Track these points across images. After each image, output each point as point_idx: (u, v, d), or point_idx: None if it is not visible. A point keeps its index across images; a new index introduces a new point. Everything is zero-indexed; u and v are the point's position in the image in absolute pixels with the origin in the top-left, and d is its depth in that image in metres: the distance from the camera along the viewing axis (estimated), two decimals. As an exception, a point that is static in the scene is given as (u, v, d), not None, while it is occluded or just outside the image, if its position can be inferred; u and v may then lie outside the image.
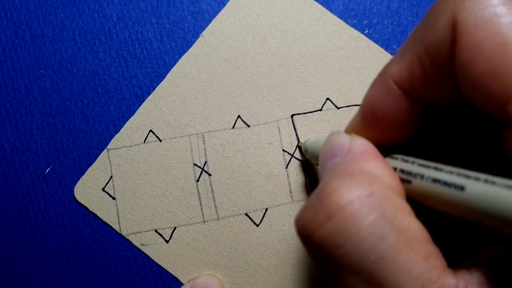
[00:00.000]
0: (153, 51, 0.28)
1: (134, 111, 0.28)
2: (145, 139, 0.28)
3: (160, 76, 0.28)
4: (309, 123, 0.27)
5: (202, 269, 0.27)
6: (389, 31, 0.28)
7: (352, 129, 0.19)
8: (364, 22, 0.28)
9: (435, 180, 0.14)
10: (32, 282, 0.27)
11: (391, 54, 0.28)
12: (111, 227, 0.27)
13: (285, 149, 0.27)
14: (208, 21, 0.28)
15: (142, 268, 0.27)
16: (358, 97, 0.28)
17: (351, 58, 0.28)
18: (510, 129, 0.13)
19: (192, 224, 0.27)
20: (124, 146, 0.28)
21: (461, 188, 0.13)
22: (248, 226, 0.27)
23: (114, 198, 0.27)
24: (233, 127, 0.28)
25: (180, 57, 0.28)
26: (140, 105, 0.28)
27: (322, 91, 0.28)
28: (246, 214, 0.27)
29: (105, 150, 0.28)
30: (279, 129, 0.27)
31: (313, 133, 0.27)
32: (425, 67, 0.15)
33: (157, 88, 0.28)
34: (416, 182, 0.15)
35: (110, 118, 0.28)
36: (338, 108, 0.28)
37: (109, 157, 0.27)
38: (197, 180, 0.27)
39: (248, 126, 0.28)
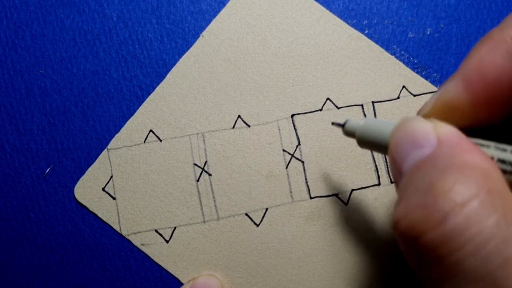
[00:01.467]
0: (153, 51, 0.28)
1: (134, 111, 0.28)
2: (145, 139, 0.28)
3: (160, 76, 0.28)
4: (309, 123, 0.27)
5: (202, 269, 0.27)
6: (389, 31, 0.28)
7: (444, 99, 0.16)
8: (364, 22, 0.28)
9: None
10: (32, 282, 0.27)
11: (391, 54, 0.28)
12: (111, 227, 0.27)
13: (285, 149, 0.27)
14: (208, 21, 0.28)
15: (142, 268, 0.27)
16: (358, 97, 0.28)
17: (351, 58, 0.28)
18: None
19: (192, 224, 0.27)
20: (124, 146, 0.28)
21: None
22: (248, 226, 0.27)
23: (114, 198, 0.27)
24: (233, 127, 0.28)
25: (180, 57, 0.28)
26: (140, 105, 0.28)
27: (322, 91, 0.28)
28: (246, 214, 0.27)
29: (105, 150, 0.28)
30: (279, 129, 0.27)
31: (314, 133, 0.27)
32: None
33: (157, 88, 0.28)
34: None
35: (110, 118, 0.28)
36: (338, 108, 0.28)
37: (109, 157, 0.27)
38: (197, 180, 0.27)
39: (248, 126, 0.28)
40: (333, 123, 0.23)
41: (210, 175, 0.27)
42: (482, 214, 0.12)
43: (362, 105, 0.27)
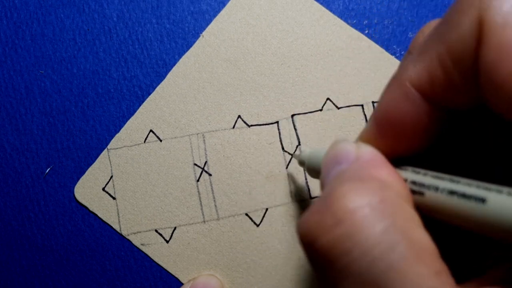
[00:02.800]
0: (153, 51, 0.28)
1: (134, 111, 0.28)
2: (146, 139, 0.28)
3: (160, 76, 0.28)
4: (309, 123, 0.27)
5: (202, 269, 0.27)
6: (389, 31, 0.28)
7: (364, 139, 0.18)
8: (364, 22, 0.28)
9: (452, 192, 0.14)
10: (32, 282, 0.27)
11: (391, 54, 0.28)
12: (111, 227, 0.27)
13: (285, 149, 0.27)
14: (208, 21, 0.28)
15: (142, 268, 0.27)
16: (358, 97, 0.28)
17: (351, 58, 0.28)
18: None
19: (192, 224, 0.27)
20: (124, 146, 0.28)
21: (482, 200, 0.12)
22: (248, 226, 0.27)
23: (114, 198, 0.27)
24: (233, 127, 0.28)
25: (180, 57, 0.28)
26: (140, 105, 0.28)
27: (323, 91, 0.28)
28: (246, 214, 0.27)
29: (105, 150, 0.28)
30: (279, 129, 0.27)
31: (314, 133, 0.27)
32: (447, 68, 0.14)
33: (157, 88, 0.28)
34: (429, 194, 0.14)
35: (110, 118, 0.28)
36: (338, 108, 0.28)
37: (109, 157, 0.27)
38: (197, 180, 0.27)
39: (248, 126, 0.28)
40: (291, 155, 0.27)
41: (210, 175, 0.27)
42: (371, 221, 0.13)
43: (362, 105, 0.27)
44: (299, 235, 0.15)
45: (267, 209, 0.27)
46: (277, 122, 0.28)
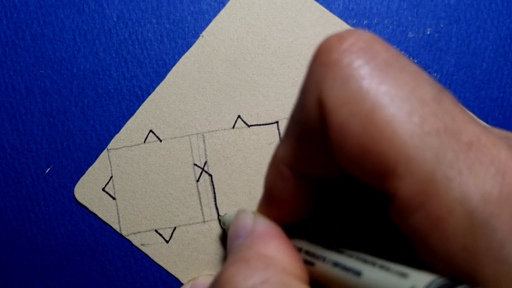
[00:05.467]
0: (153, 51, 0.28)
1: (134, 111, 0.28)
2: (145, 139, 0.28)
3: (160, 76, 0.28)
4: (309, 123, 0.27)
5: (202, 269, 0.27)
6: (389, 31, 0.28)
7: (260, 210, 0.19)
8: (364, 22, 0.28)
9: (336, 264, 0.14)
10: (32, 282, 0.27)
11: (391, 54, 0.28)
12: (111, 227, 0.27)
13: (285, 149, 0.27)
14: (208, 21, 0.28)
15: (142, 268, 0.27)
16: (358, 97, 0.28)
17: (351, 58, 0.28)
18: (394, 204, 0.13)
19: (192, 224, 0.27)
20: (124, 146, 0.28)
21: (358, 273, 0.13)
22: (248, 226, 0.27)
23: (114, 198, 0.27)
24: (233, 127, 0.28)
25: (180, 57, 0.28)
26: (140, 105, 0.28)
27: (322, 91, 0.28)
28: (246, 214, 0.27)
29: (105, 150, 0.28)
30: (279, 129, 0.28)
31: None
32: (304, 146, 0.15)
33: (157, 88, 0.28)
34: (318, 264, 0.15)
35: (110, 118, 0.28)
36: (338, 108, 0.28)
37: (109, 157, 0.27)
38: (197, 180, 0.27)
39: (248, 126, 0.28)
40: (218, 217, 0.27)
41: (210, 175, 0.27)
42: None
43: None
44: None
45: (267, 209, 0.27)
46: (277, 122, 0.28)
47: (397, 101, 0.12)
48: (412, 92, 0.13)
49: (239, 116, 0.28)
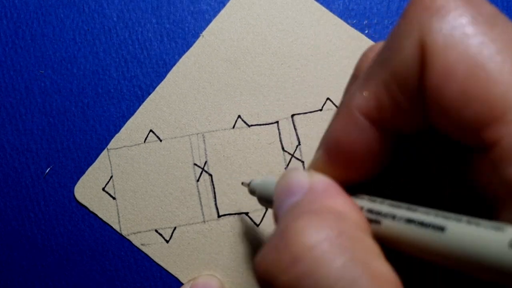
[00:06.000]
0: (153, 51, 0.28)
1: (134, 111, 0.28)
2: (145, 139, 0.28)
3: (160, 76, 0.28)
4: (309, 123, 0.27)
5: (202, 269, 0.27)
6: (389, 31, 0.28)
7: (315, 168, 0.17)
8: (364, 22, 0.28)
9: (410, 221, 0.13)
10: (32, 282, 0.27)
11: (391, 54, 0.28)
12: (111, 227, 0.27)
13: (285, 149, 0.27)
14: (208, 21, 0.28)
15: (142, 268, 0.27)
16: (358, 97, 0.28)
17: (351, 58, 0.28)
18: (483, 157, 0.12)
19: (192, 224, 0.27)
20: (124, 146, 0.28)
21: (441, 229, 0.12)
22: (249, 226, 0.27)
23: (114, 198, 0.27)
24: (233, 127, 0.28)
25: (180, 57, 0.28)
26: (140, 105, 0.28)
27: (323, 91, 0.28)
28: (246, 214, 0.27)
29: (105, 150, 0.28)
30: (279, 129, 0.27)
31: (314, 133, 0.27)
32: (393, 93, 0.14)
33: (157, 88, 0.28)
34: (386, 222, 0.14)
35: (110, 118, 0.28)
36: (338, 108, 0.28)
37: (109, 157, 0.27)
38: (197, 180, 0.27)
39: (248, 126, 0.28)
40: (242, 183, 0.25)
41: (210, 175, 0.27)
42: (330, 256, 0.13)
43: (362, 105, 0.27)
44: (256, 274, 0.14)
45: (267, 209, 0.27)
46: (277, 122, 0.28)
47: (505, 51, 0.12)
48: None
49: (239, 116, 0.28)
